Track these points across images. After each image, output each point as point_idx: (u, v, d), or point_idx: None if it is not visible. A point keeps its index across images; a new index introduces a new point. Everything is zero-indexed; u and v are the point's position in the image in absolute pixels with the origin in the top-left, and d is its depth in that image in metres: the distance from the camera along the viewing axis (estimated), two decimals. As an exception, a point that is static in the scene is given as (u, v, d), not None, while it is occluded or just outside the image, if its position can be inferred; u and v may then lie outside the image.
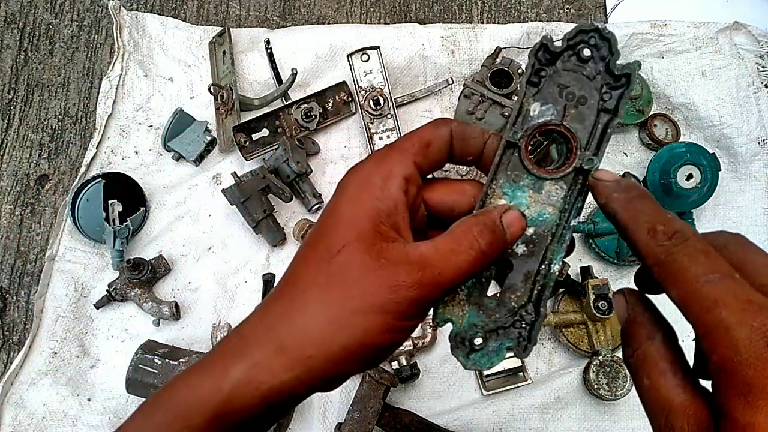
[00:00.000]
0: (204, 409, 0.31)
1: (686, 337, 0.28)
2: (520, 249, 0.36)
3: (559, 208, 0.36)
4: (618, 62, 0.35)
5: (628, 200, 0.31)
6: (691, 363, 0.29)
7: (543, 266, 0.36)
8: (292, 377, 0.32)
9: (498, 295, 0.36)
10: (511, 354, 0.35)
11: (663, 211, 0.30)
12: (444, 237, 0.33)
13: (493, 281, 0.37)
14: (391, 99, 1.00)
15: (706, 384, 0.27)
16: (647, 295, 0.32)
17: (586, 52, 0.35)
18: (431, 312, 0.36)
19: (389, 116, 1.01)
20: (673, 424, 0.26)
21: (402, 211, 0.34)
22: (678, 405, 0.27)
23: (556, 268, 0.35)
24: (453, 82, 1.03)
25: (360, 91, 1.00)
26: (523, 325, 0.35)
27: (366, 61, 1.00)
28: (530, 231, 0.36)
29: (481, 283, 0.36)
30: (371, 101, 0.99)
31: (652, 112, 1.03)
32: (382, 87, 1.00)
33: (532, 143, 0.37)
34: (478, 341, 0.35)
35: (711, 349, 0.25)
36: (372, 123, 1.01)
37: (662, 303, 0.31)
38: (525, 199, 0.36)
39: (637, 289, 0.32)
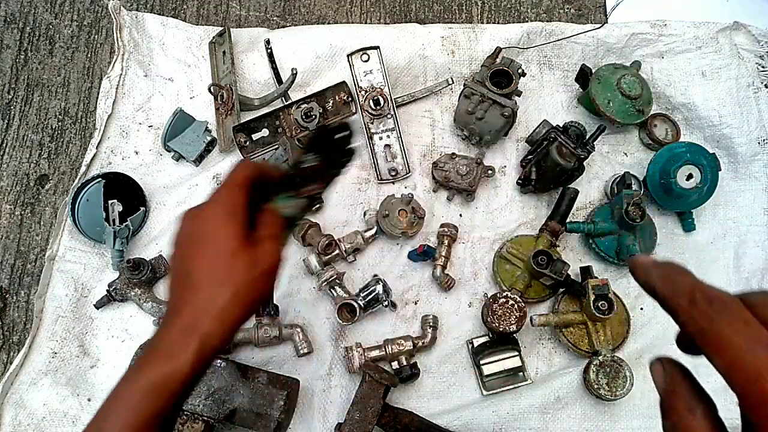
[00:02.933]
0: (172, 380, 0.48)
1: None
2: None
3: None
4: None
5: (666, 274, 0.32)
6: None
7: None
8: (189, 347, 0.49)
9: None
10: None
11: (700, 282, 0.31)
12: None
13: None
14: (391, 99, 1.00)
15: None
16: (684, 360, 0.33)
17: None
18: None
19: (389, 116, 1.01)
20: None
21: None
22: None
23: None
24: (453, 82, 1.03)
25: (360, 91, 1.01)
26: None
27: (366, 61, 1.00)
28: None
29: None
30: (371, 101, 0.99)
31: (652, 112, 1.03)
32: (382, 87, 1.00)
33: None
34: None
35: (757, 421, 0.25)
36: (372, 123, 1.01)
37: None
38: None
39: (676, 352, 0.33)
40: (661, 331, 0.93)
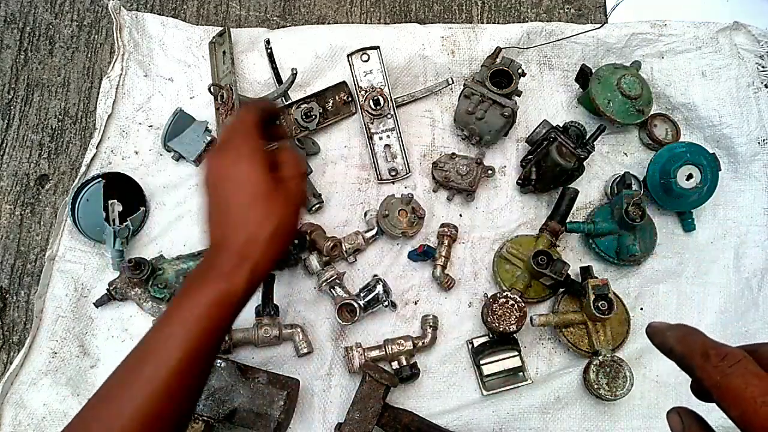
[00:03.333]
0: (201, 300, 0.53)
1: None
2: None
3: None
4: None
5: (682, 336, 0.35)
6: None
7: None
8: (240, 270, 0.55)
9: None
10: None
11: (713, 340, 0.34)
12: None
13: None
14: (391, 99, 1.00)
15: None
16: (699, 410, 0.35)
17: None
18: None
19: (389, 116, 1.01)
20: None
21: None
22: None
23: None
24: (453, 82, 1.03)
25: (360, 91, 1.00)
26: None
27: (366, 61, 1.00)
28: None
29: None
30: (371, 101, 0.99)
31: (652, 112, 1.03)
32: (382, 87, 1.00)
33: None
34: None
35: None
36: (372, 123, 1.01)
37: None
38: None
39: (692, 400, 0.36)
40: (661, 331, 0.93)
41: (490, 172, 0.99)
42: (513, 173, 1.02)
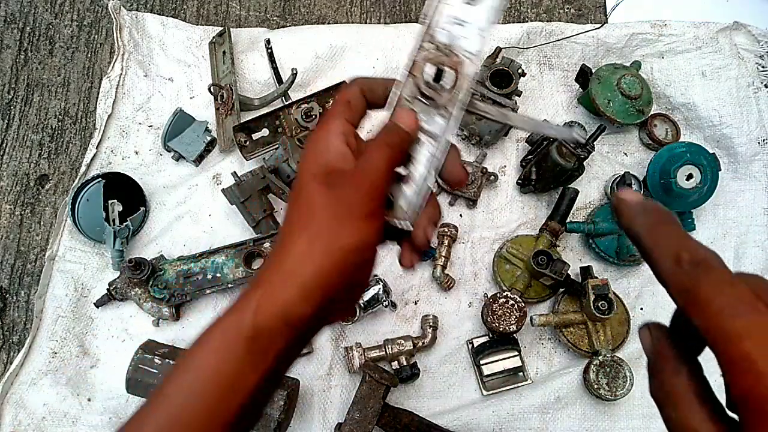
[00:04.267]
0: (240, 337, 0.39)
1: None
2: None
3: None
4: None
5: (653, 225, 0.32)
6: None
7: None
8: (294, 295, 0.39)
9: None
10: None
11: (688, 238, 0.30)
12: (366, 145, 0.44)
13: None
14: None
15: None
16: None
17: None
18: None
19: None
20: None
21: (344, 154, 0.43)
22: None
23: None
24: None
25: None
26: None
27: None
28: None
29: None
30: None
31: (652, 112, 1.03)
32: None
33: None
34: None
35: (735, 381, 0.25)
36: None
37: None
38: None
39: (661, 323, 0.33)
40: (661, 331, 0.93)
41: (492, 178, 0.99)
42: (513, 173, 1.02)
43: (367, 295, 0.91)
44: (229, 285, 0.91)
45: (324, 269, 0.39)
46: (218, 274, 0.91)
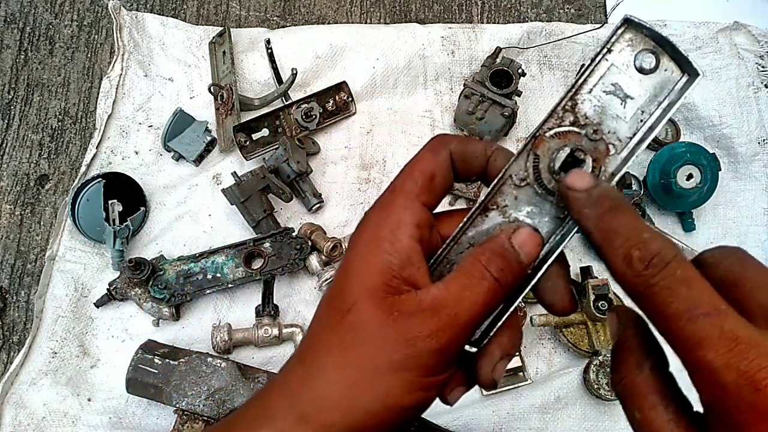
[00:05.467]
0: None
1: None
2: None
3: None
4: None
5: (600, 216, 0.28)
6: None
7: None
8: None
9: None
10: None
11: (640, 229, 0.27)
12: (453, 274, 0.31)
13: None
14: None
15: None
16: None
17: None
18: None
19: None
20: None
21: (417, 261, 0.31)
22: None
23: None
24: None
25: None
26: None
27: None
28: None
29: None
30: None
31: (652, 112, 1.03)
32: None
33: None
34: None
35: (701, 389, 0.24)
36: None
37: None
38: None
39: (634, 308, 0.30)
40: (661, 331, 0.93)
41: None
42: (513, 173, 1.02)
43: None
44: (229, 285, 0.91)
45: (364, 423, 0.30)
46: (218, 274, 0.91)
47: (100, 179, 0.94)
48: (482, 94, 0.96)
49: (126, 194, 0.96)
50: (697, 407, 0.26)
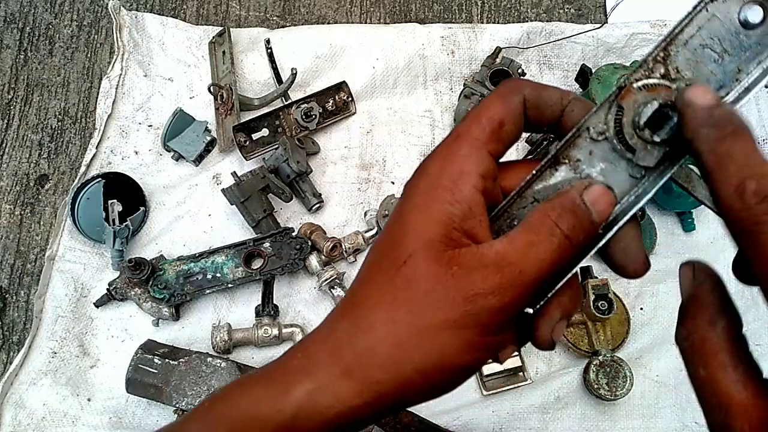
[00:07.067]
0: (265, 427, 0.29)
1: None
2: None
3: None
4: None
5: (719, 139, 0.25)
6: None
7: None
8: (360, 402, 0.29)
9: None
10: None
11: (760, 161, 0.24)
12: (519, 228, 0.29)
13: None
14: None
15: None
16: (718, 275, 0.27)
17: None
18: None
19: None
20: (731, 424, 0.23)
21: (479, 214, 0.29)
22: (738, 403, 0.23)
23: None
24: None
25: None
26: None
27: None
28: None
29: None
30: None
31: (652, 112, 1.03)
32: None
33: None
34: None
35: None
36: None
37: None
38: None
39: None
40: (661, 330, 0.93)
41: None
42: (513, 173, 1.02)
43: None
44: (229, 285, 0.91)
45: (413, 382, 0.28)
46: (218, 274, 0.91)
47: (100, 179, 0.94)
48: (482, 94, 0.96)
49: (126, 194, 0.96)
50: None
